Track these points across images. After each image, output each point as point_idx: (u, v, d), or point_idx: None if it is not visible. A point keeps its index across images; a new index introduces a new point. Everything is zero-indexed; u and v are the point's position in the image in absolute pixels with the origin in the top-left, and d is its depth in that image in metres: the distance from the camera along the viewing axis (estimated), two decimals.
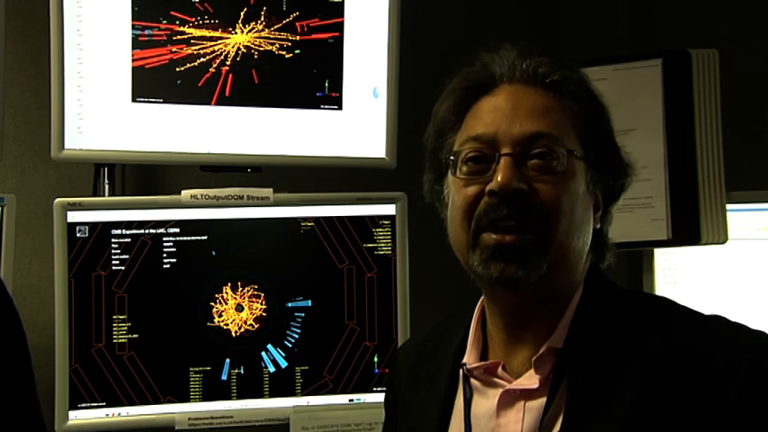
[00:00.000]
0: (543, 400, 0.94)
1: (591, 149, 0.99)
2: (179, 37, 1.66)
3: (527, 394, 0.96)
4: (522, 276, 0.94)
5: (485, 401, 1.00)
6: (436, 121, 1.07)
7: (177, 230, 1.67)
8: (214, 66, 1.68)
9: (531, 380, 0.96)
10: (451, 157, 1.01)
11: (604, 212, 1.04)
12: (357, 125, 1.77)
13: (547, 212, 0.94)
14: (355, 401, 1.72)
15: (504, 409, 0.97)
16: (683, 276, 1.82)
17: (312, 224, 1.72)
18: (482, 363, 1.02)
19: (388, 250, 1.74)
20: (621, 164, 1.04)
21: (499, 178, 0.94)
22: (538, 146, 0.95)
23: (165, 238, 1.66)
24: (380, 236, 1.74)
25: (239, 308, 1.68)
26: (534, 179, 0.95)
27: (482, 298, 1.07)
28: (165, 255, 1.66)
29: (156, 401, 1.64)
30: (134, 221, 1.65)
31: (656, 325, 0.95)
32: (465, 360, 1.04)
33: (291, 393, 1.70)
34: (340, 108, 1.76)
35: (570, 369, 0.94)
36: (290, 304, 1.71)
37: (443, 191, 1.06)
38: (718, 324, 0.96)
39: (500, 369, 1.00)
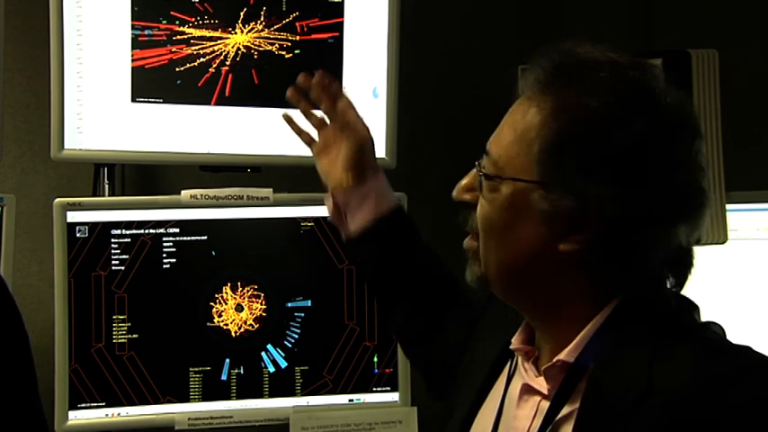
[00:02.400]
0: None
1: (558, 173, 0.90)
2: (179, 37, 1.66)
3: (543, 393, 0.96)
4: (468, 278, 1.02)
5: (517, 386, 1.00)
6: None
7: (177, 230, 1.67)
8: (214, 66, 1.68)
9: (542, 384, 0.96)
10: None
11: (617, 234, 0.91)
12: None
13: (479, 227, 0.98)
14: (355, 401, 1.72)
15: (524, 399, 0.97)
16: None
17: (312, 224, 1.72)
18: (520, 347, 1.01)
19: None
20: (611, 193, 0.89)
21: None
22: (483, 164, 0.98)
23: (164, 239, 1.66)
24: None
25: (239, 308, 1.68)
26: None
27: None
28: (164, 255, 1.66)
29: (156, 401, 1.64)
30: (134, 221, 1.65)
31: (678, 355, 0.89)
32: (513, 339, 1.03)
33: (291, 393, 1.70)
34: None
35: (578, 383, 0.92)
36: (289, 304, 1.71)
37: None
38: (745, 355, 0.89)
39: (530, 360, 0.99)
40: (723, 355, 0.89)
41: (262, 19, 1.69)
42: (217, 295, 1.68)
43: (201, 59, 1.67)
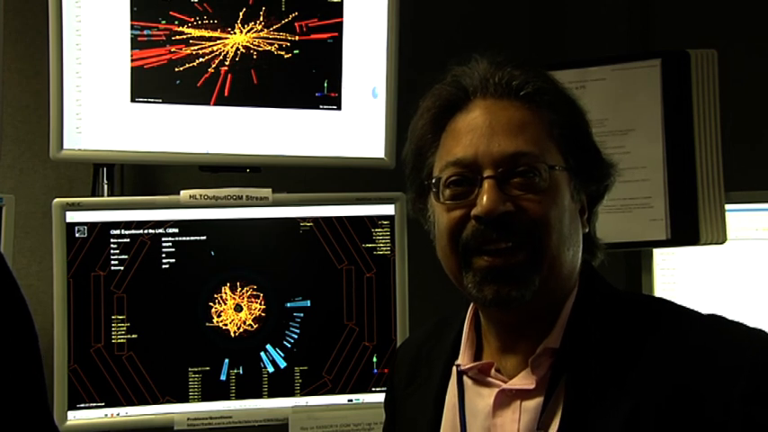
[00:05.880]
0: (540, 399, 0.94)
1: (572, 158, 0.98)
2: (178, 37, 1.66)
3: (523, 394, 0.96)
4: (517, 296, 0.94)
5: (479, 401, 1.00)
6: (413, 139, 1.06)
7: (176, 230, 1.67)
8: (213, 66, 1.68)
9: (527, 380, 0.96)
10: (433, 181, 1.00)
11: (590, 214, 1.03)
12: (356, 125, 1.77)
13: (536, 229, 0.93)
14: (354, 401, 1.72)
15: (500, 408, 0.97)
16: (682, 277, 1.82)
17: (311, 224, 1.72)
18: (476, 363, 1.02)
19: (387, 250, 1.74)
20: (603, 166, 1.03)
21: (484, 202, 0.93)
22: (520, 164, 0.94)
23: (163, 239, 1.66)
24: (379, 236, 1.74)
25: (238, 308, 1.68)
26: (519, 198, 0.94)
27: None
28: (164, 255, 1.66)
29: (155, 402, 1.64)
30: (133, 221, 1.65)
31: (654, 324, 0.95)
32: (459, 361, 1.04)
33: (290, 393, 1.70)
34: (339, 108, 1.75)
35: (567, 369, 0.94)
36: (288, 304, 1.71)
37: (427, 209, 1.05)
38: (718, 323, 0.96)
39: (493, 370, 1.00)
40: (692, 317, 0.97)
41: (261, 19, 1.69)
42: (216, 295, 1.68)
43: (201, 59, 1.67)
